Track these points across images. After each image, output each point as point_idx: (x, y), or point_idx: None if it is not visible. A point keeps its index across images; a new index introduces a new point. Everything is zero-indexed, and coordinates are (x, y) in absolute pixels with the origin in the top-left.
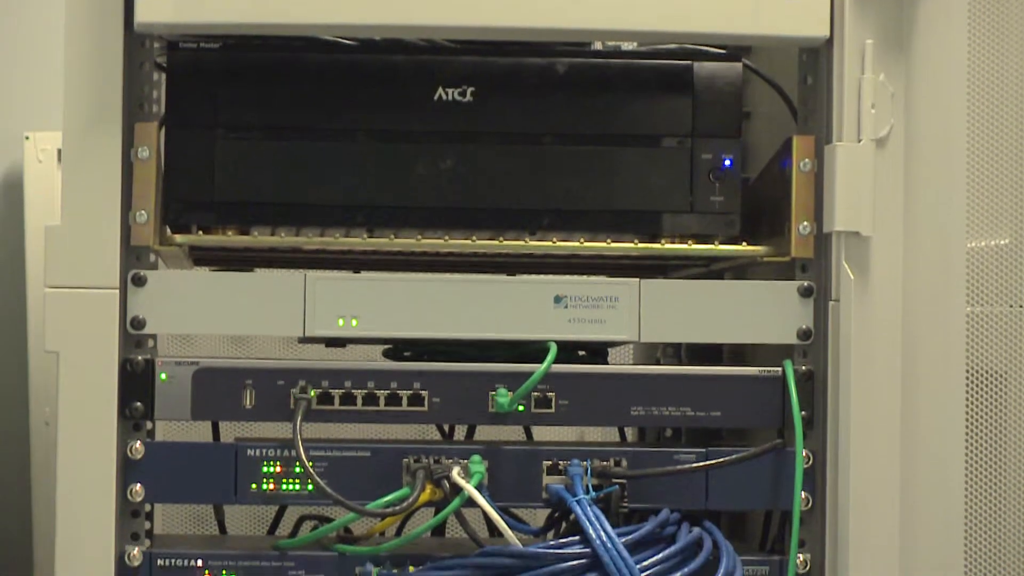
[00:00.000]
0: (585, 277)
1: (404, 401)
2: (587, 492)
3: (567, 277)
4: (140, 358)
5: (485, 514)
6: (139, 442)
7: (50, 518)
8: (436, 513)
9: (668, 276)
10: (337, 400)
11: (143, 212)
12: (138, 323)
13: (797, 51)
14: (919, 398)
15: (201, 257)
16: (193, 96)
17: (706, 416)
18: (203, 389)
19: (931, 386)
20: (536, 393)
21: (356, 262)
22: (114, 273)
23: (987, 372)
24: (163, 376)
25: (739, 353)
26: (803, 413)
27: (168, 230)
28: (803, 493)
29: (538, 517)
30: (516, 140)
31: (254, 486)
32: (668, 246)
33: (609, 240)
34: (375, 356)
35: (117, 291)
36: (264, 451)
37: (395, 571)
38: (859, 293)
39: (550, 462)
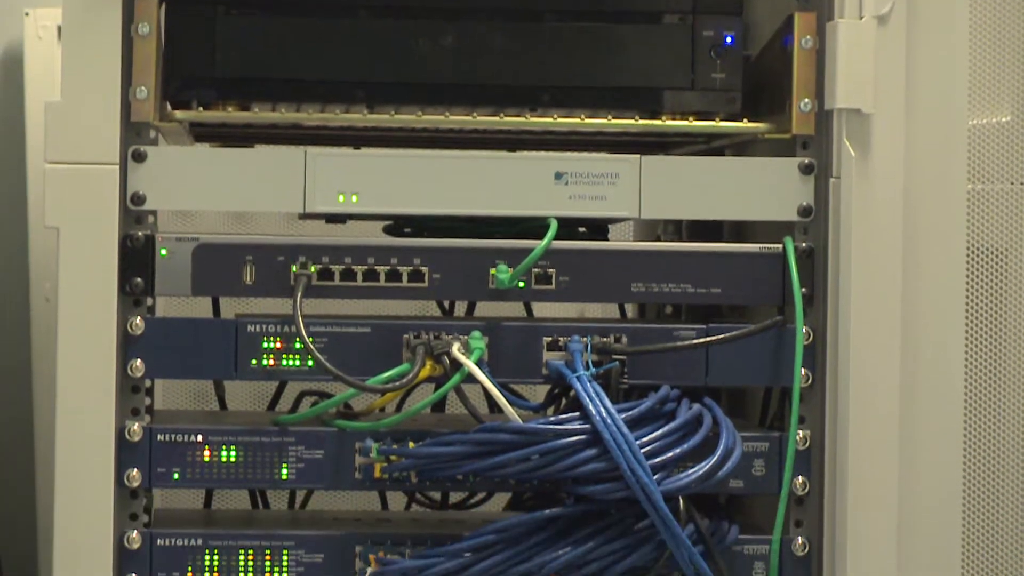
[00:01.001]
0: (586, 153)
1: (404, 277)
2: (587, 368)
3: (568, 154)
4: (140, 234)
5: (485, 390)
6: (139, 318)
7: (51, 393)
8: (436, 389)
9: (669, 153)
10: (337, 276)
11: (143, 88)
12: (138, 199)
13: None
14: (919, 275)
15: (201, 133)
16: None
17: (706, 293)
18: (203, 265)
19: (931, 263)
20: (536, 270)
21: (357, 139)
22: (114, 149)
23: (987, 249)
24: (163, 252)
25: (739, 230)
26: (803, 290)
27: (168, 106)
28: (803, 370)
29: (538, 393)
30: (517, 16)
31: (254, 362)
32: (669, 122)
33: (610, 116)
34: (375, 232)
35: (117, 167)
36: (264, 327)
37: (395, 447)
38: (860, 170)
39: (550, 338)
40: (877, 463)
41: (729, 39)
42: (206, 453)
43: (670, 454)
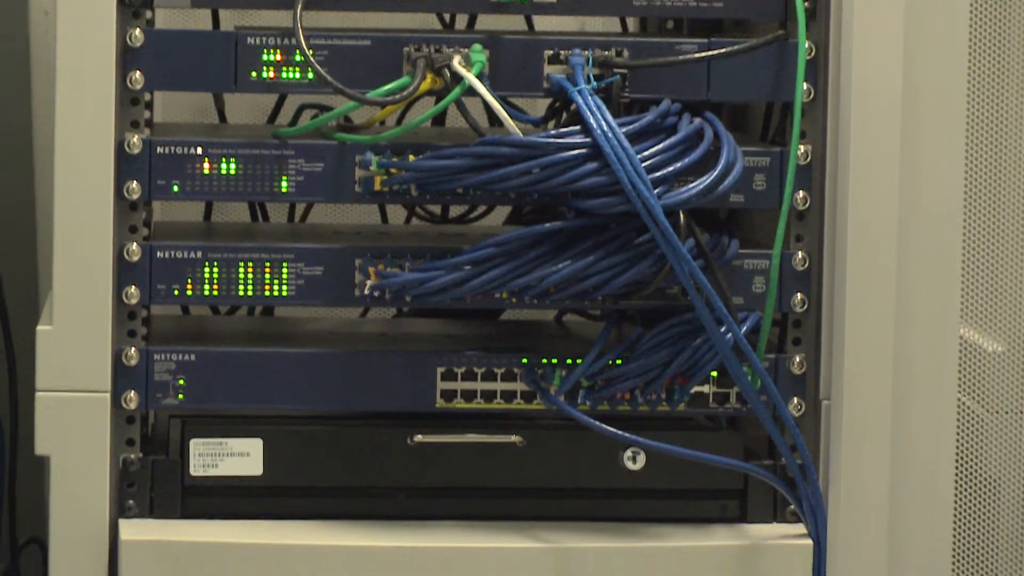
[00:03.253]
0: None
1: None
2: (588, 82)
3: None
4: None
5: (485, 103)
6: (138, 30)
7: (50, 108)
8: (436, 103)
9: None
10: None
11: None
12: None
13: None
14: None
15: None
16: None
17: (708, 7)
18: None
19: None
20: None
21: None
22: None
23: None
24: None
25: None
26: (805, 4)
27: None
28: (805, 84)
29: (538, 107)
30: None
31: (254, 74)
32: None
33: None
34: None
35: None
36: (264, 39)
37: (395, 159)
38: None
39: (551, 52)
40: (878, 177)
41: None
42: (206, 165)
43: (671, 168)
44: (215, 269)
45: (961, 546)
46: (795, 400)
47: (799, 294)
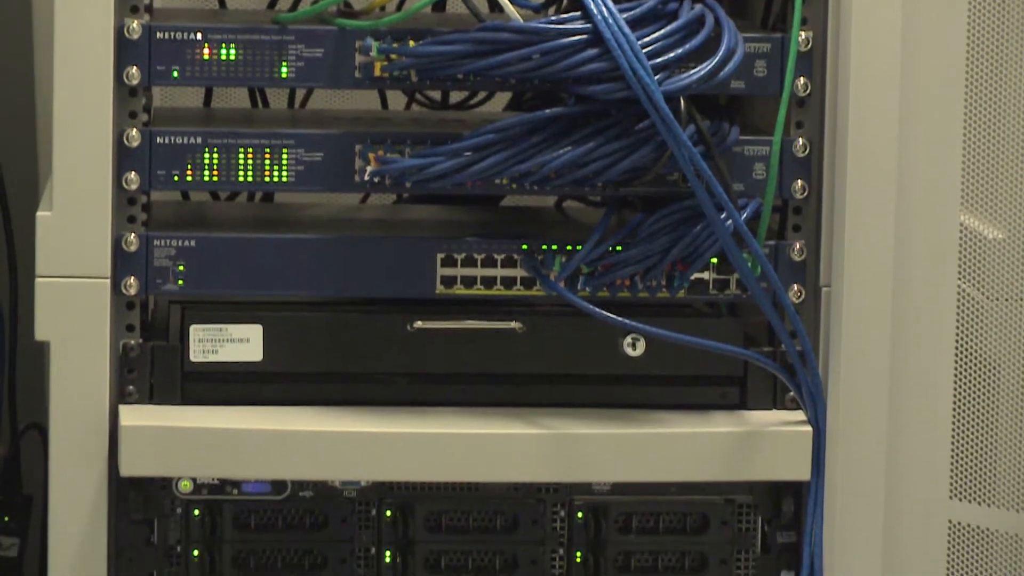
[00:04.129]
0: None
1: None
2: None
3: None
4: None
5: None
6: None
7: None
8: None
9: None
10: None
11: None
12: None
13: None
14: None
15: None
16: None
17: None
18: None
19: None
20: None
21: None
22: None
23: None
24: None
25: None
26: None
27: None
28: None
29: None
30: None
31: None
32: None
33: None
34: None
35: None
36: None
37: (395, 45)
38: None
39: None
40: (879, 63)
41: None
42: (205, 51)
43: (671, 54)
44: (215, 155)
45: (960, 430)
46: (795, 287)
47: (799, 181)
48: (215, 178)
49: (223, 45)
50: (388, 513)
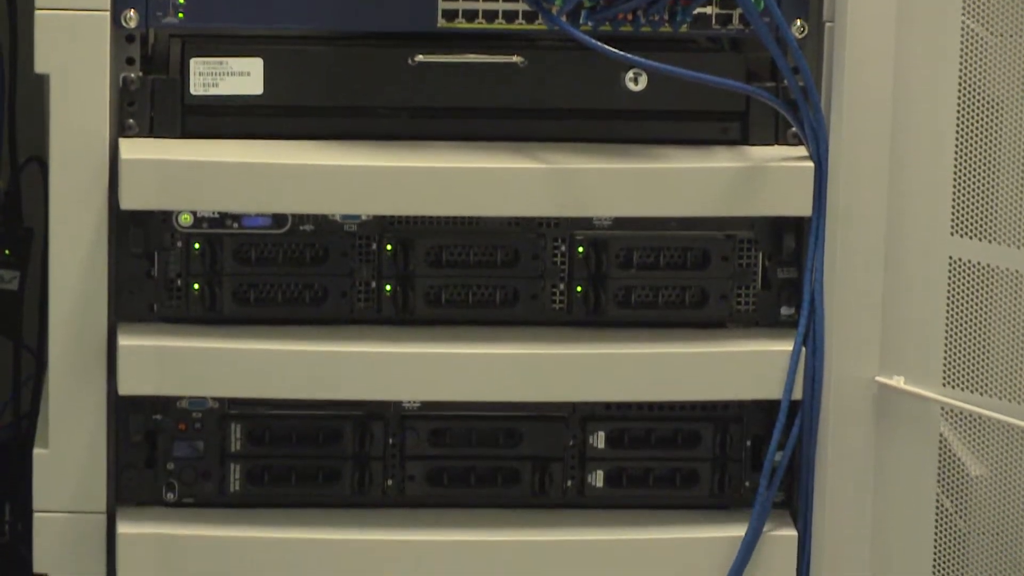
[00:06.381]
0: None
1: None
2: None
3: None
4: None
5: None
6: None
7: None
8: None
9: None
10: None
11: None
12: None
13: None
14: None
15: None
16: None
17: None
18: None
19: None
20: None
21: None
22: None
23: None
24: None
25: None
26: None
27: None
28: None
29: None
30: None
31: None
32: None
33: None
34: None
35: None
36: None
37: None
38: None
39: None
40: None
41: None
42: None
43: None
44: None
45: (962, 165)
46: (798, 22)
47: None
48: None
49: None
50: (389, 247)
